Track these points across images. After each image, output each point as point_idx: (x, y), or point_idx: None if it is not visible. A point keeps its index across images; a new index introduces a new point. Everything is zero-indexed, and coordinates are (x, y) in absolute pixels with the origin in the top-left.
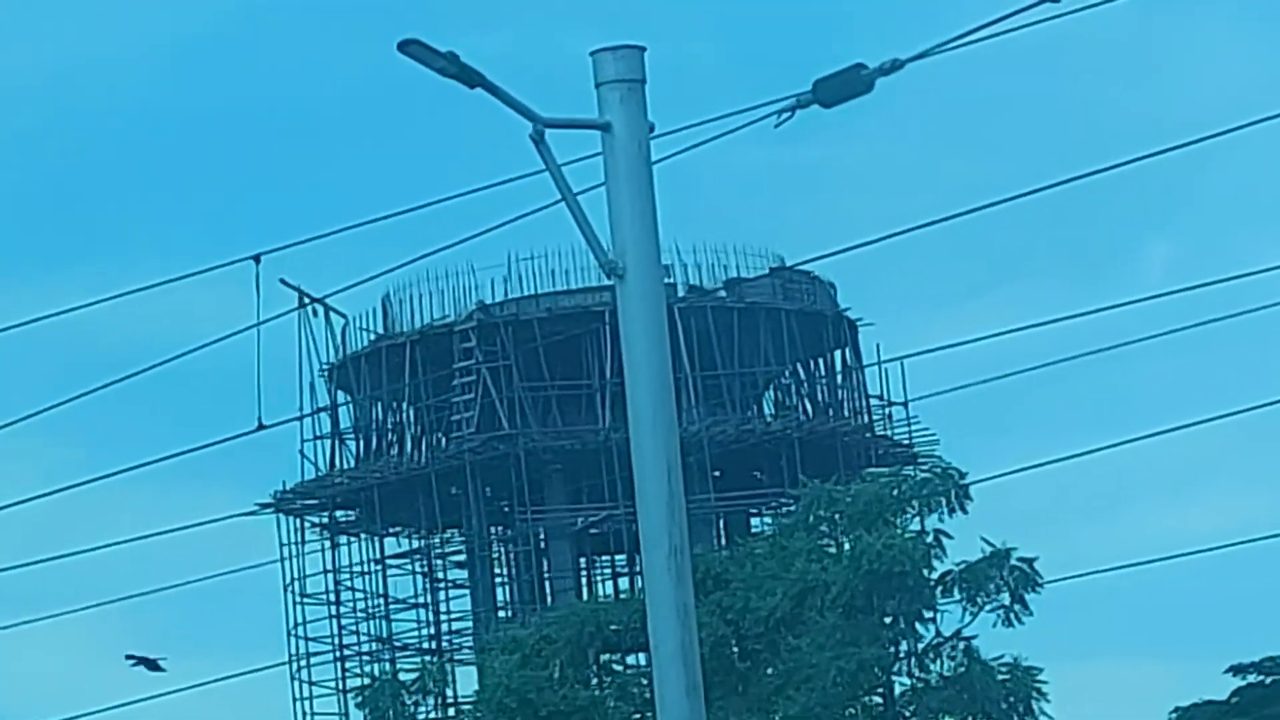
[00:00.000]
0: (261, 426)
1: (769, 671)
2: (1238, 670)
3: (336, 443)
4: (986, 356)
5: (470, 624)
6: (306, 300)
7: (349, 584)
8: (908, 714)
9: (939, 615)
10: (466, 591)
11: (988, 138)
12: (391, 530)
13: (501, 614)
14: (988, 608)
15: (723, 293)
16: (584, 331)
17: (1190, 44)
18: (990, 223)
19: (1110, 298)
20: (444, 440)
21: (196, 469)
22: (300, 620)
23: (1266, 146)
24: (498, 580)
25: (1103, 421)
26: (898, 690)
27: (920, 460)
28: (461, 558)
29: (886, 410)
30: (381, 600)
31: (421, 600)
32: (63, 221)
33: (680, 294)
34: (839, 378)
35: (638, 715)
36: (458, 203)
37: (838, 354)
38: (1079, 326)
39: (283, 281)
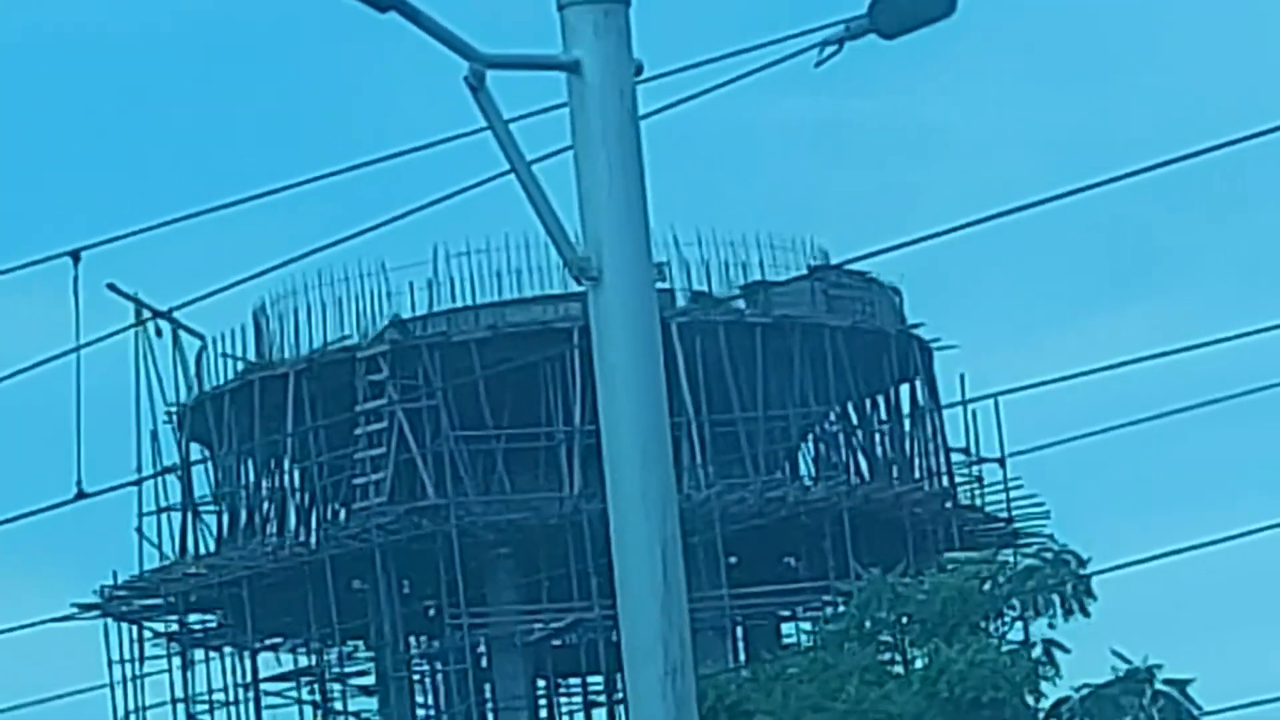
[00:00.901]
0: (81, 495)
1: None
2: None
3: (189, 518)
4: (1113, 393)
5: None
6: (146, 314)
7: (208, 718)
8: None
9: None
10: None
11: (1110, 87)
12: (269, 642)
13: None
14: None
15: (740, 302)
16: (543, 358)
17: None
18: (1116, 206)
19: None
20: (343, 514)
21: None
22: None
23: None
24: (421, 713)
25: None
26: None
27: (1023, 540)
28: (369, 681)
29: (974, 470)
30: None
31: None
32: None
33: (681, 304)
34: (907, 424)
35: None
36: (363, 177)
37: (905, 389)
38: (1243, 351)
39: (112, 288)
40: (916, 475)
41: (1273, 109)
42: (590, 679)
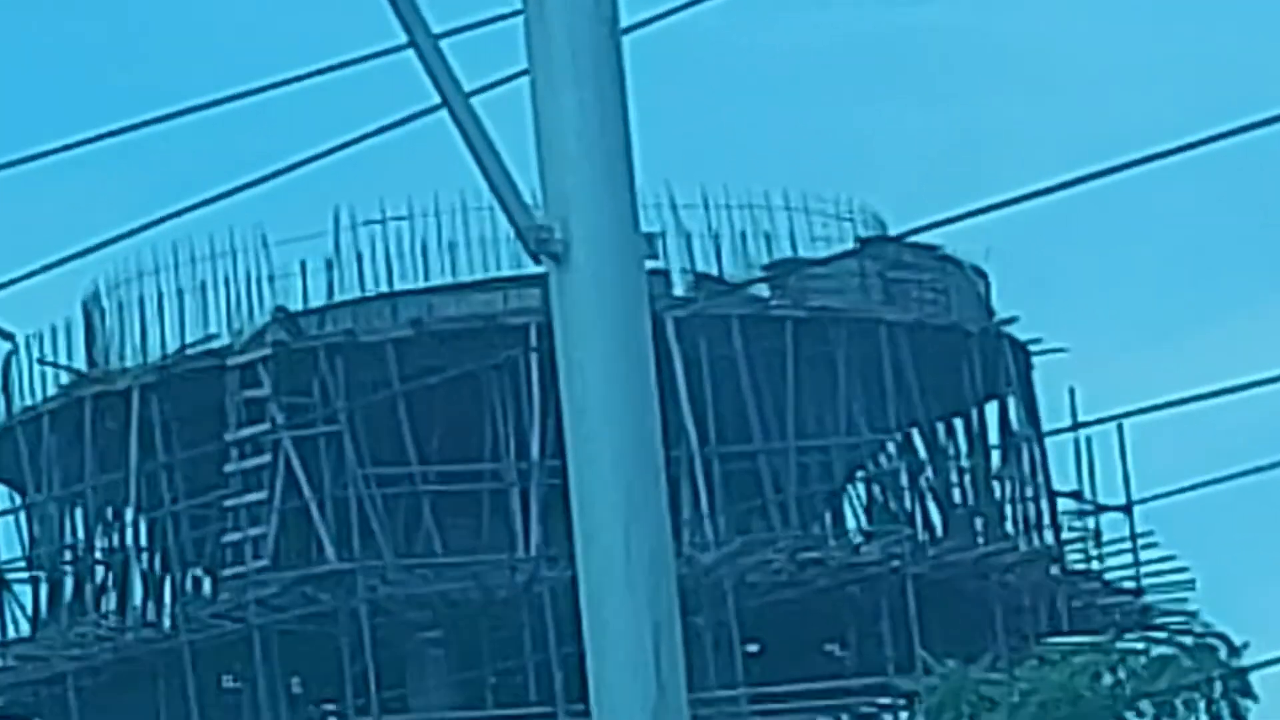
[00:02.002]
0: None
1: None
2: None
3: None
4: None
5: None
6: None
7: None
8: None
9: None
10: None
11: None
12: None
13: None
14: None
15: (764, 289)
16: (487, 368)
17: None
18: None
19: None
20: (208, 584)
21: None
22: None
23: None
24: None
25: None
26: None
27: (1156, 620)
28: None
29: (1090, 523)
30: None
31: None
32: None
33: (680, 291)
34: (995, 458)
35: None
36: (233, 115)
37: (993, 410)
38: None
39: None
40: (1009, 530)
41: None
42: None
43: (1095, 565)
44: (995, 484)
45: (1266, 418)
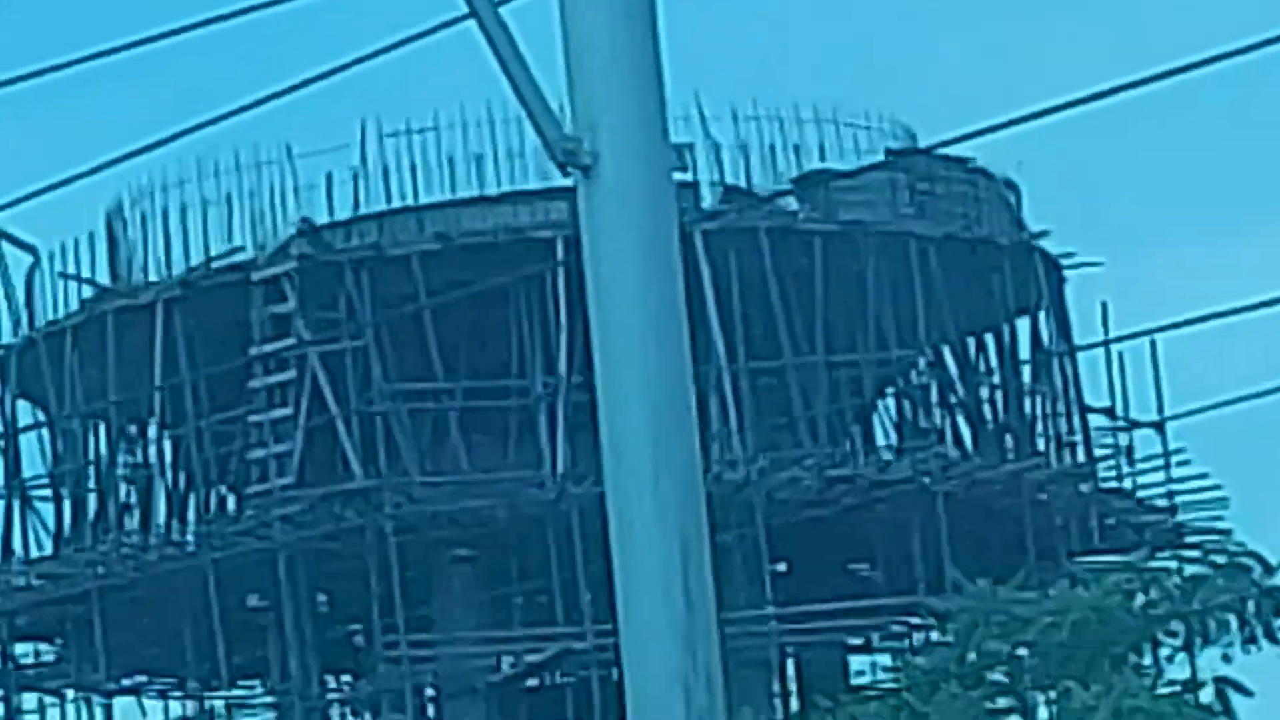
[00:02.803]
0: None
1: None
2: None
3: (16, 507)
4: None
5: None
6: None
7: None
8: None
9: None
10: None
11: None
12: (129, 683)
13: None
14: None
15: (793, 201)
16: (515, 282)
17: None
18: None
19: None
20: (233, 501)
21: None
22: None
23: None
24: None
25: None
26: None
27: (1189, 539)
28: None
29: (1123, 439)
30: None
31: None
32: None
33: (709, 204)
34: (1026, 374)
35: None
36: (257, 25)
37: (1024, 325)
38: None
39: None
40: (1040, 447)
41: None
42: None
43: (1127, 483)
44: (1026, 400)
45: None
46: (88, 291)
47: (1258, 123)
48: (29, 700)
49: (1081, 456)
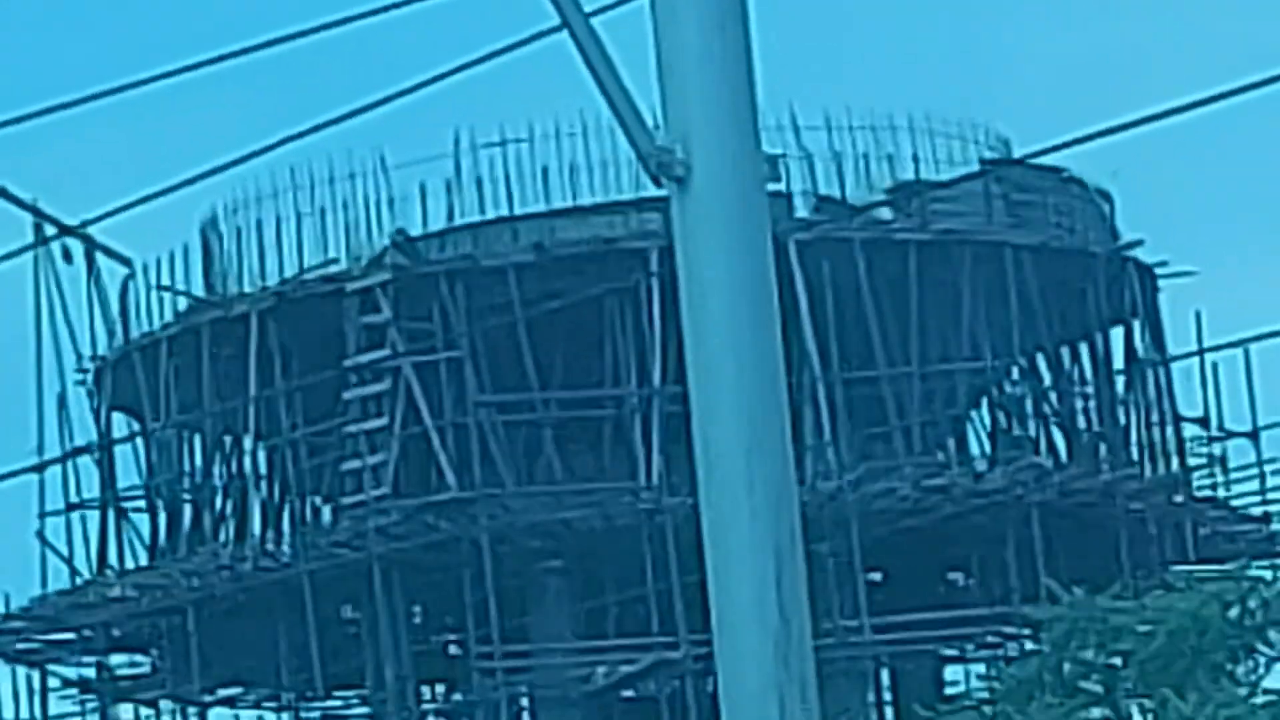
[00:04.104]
0: None
1: None
2: None
3: (112, 518)
4: None
5: None
6: (51, 231)
7: None
8: None
9: None
10: None
11: None
12: (224, 694)
13: None
14: None
15: (887, 211)
16: (607, 290)
17: None
18: None
19: None
20: (328, 513)
21: None
22: None
23: None
24: None
25: None
26: None
27: None
28: None
29: (1217, 449)
30: None
31: None
32: None
33: (802, 214)
34: (1120, 384)
35: None
36: (353, 36)
37: (1118, 335)
38: None
39: (3, 194)
40: (1134, 456)
41: None
42: None
43: (1222, 492)
44: (1120, 410)
45: None
46: (182, 303)
47: None
48: (125, 711)
49: (1175, 466)
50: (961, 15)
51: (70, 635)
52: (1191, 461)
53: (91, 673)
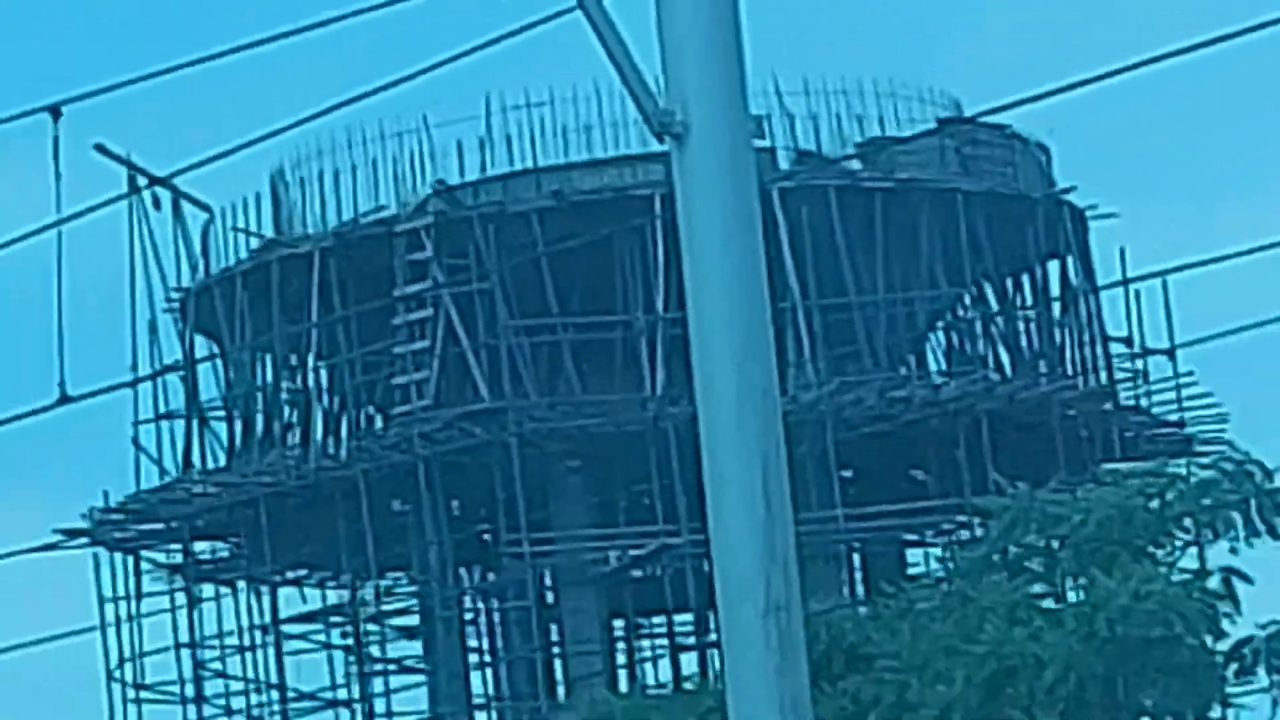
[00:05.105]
0: (65, 399)
1: None
2: None
3: (195, 426)
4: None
5: None
6: (142, 182)
7: (218, 666)
8: None
9: (1233, 713)
10: (420, 679)
11: None
12: (291, 575)
13: (481, 716)
14: None
15: (856, 163)
16: (618, 230)
17: None
18: None
19: None
20: (380, 420)
21: None
22: None
23: None
24: (473, 660)
25: None
26: None
27: (1197, 449)
28: (411, 621)
29: (1138, 364)
30: (274, 694)
31: (343, 694)
32: None
33: (784, 166)
34: (1056, 309)
35: None
36: (398, 15)
37: (1054, 267)
38: None
39: (100, 150)
40: (1069, 371)
41: None
42: (676, 617)
43: (1144, 401)
44: (1056, 331)
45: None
46: (254, 243)
47: (1254, 100)
48: (207, 590)
49: (1104, 379)
50: None
51: (160, 526)
52: (1118, 375)
53: (178, 558)
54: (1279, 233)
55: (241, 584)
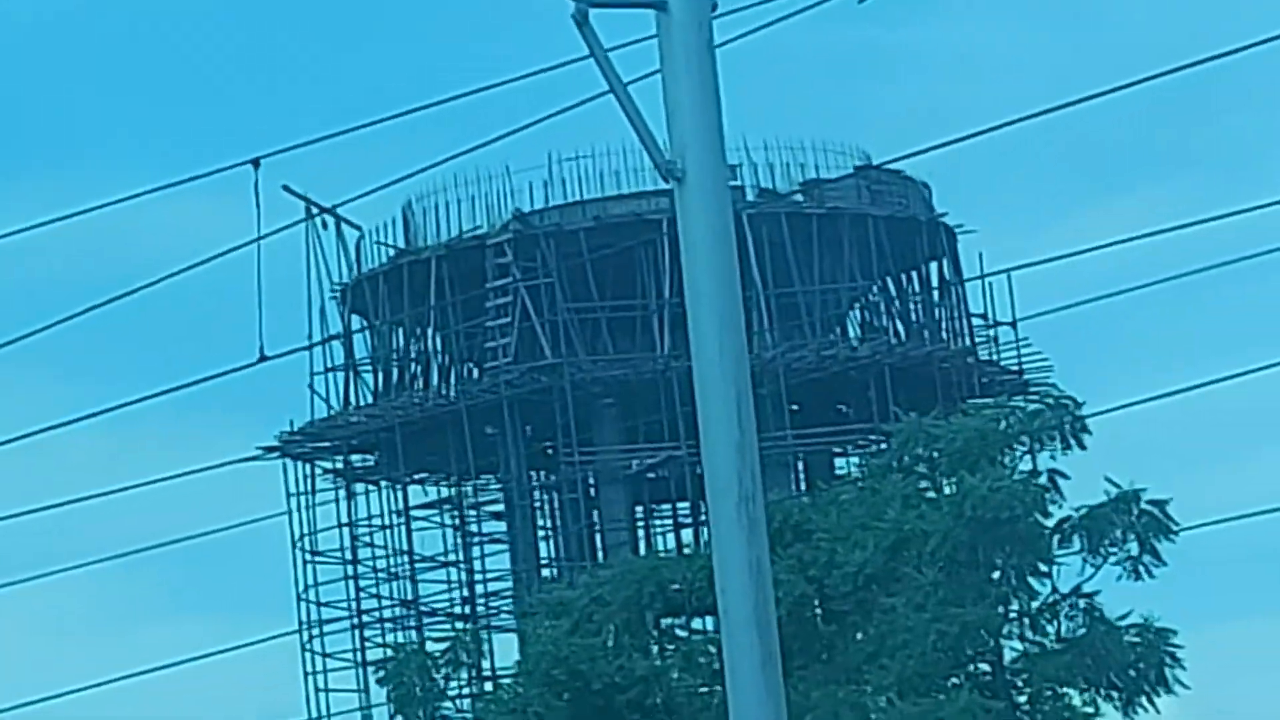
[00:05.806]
0: (264, 358)
1: (858, 636)
2: None
3: (351, 376)
4: (1106, 270)
5: (509, 585)
6: (315, 210)
7: (368, 540)
8: (1020, 683)
9: (1056, 569)
10: (504, 547)
11: (1102, 18)
12: (416, 477)
13: (545, 573)
14: (1112, 559)
15: (799, 197)
16: (638, 243)
17: None
18: (1108, 116)
19: (1247, 201)
20: (476, 372)
21: (191, 407)
22: (312, 582)
23: None
24: (540, 533)
25: (1241, 344)
26: (1008, 656)
27: (1031, 389)
28: (498, 508)
29: (991, 332)
30: (405, 558)
31: (452, 558)
32: (30, 127)
33: (750, 198)
34: (935, 294)
35: (705, 688)
36: (490, 97)
37: (934, 266)
38: (1213, 234)
39: (286, 189)
40: (944, 337)
41: (1235, 37)
42: (679, 505)
43: (996, 358)
44: (936, 309)
45: (1105, 271)
46: (391, 252)
47: (1081, 151)
48: (358, 488)
49: (968, 342)
50: (844, 77)
51: (327, 444)
52: (978, 339)
53: (340, 465)
54: (1085, 244)
55: (383, 483)
